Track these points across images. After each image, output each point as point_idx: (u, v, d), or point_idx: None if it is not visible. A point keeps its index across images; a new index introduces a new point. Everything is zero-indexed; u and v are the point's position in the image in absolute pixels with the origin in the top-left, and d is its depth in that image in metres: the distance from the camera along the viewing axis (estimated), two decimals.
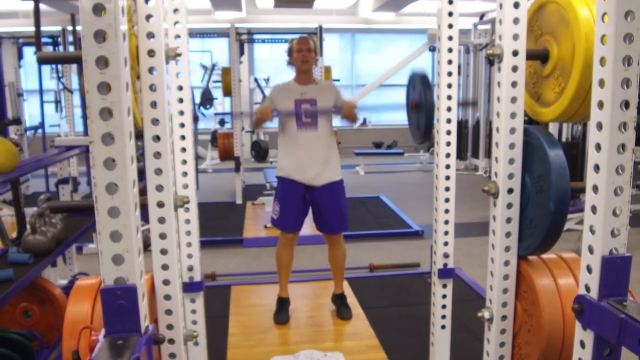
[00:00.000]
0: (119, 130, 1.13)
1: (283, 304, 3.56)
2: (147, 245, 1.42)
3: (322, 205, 3.41)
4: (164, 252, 1.72)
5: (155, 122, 1.66)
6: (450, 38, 2.37)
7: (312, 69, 3.39)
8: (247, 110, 3.33)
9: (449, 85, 2.42)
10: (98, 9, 1.09)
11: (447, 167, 2.49)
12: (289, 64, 3.42)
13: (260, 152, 10.30)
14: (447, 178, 2.50)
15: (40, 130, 7.43)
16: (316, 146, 3.31)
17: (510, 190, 1.82)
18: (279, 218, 3.43)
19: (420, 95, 2.92)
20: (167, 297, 1.73)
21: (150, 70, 1.64)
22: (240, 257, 5.05)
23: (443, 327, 2.60)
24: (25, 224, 3.05)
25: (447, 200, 2.51)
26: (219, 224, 6.08)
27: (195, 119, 3.55)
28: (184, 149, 2.25)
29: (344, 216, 3.46)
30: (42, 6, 6.48)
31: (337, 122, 3.55)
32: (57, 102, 7.74)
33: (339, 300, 3.62)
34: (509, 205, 1.83)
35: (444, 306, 2.59)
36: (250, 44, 10.27)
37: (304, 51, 3.29)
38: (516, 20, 1.73)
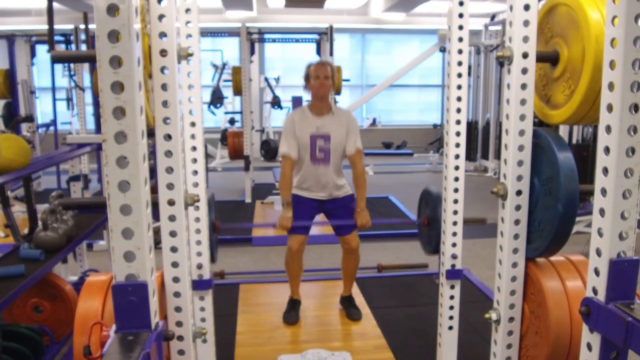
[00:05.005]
0: (132, 129, 1.15)
1: (294, 304, 3.57)
2: (157, 243, 1.43)
3: (334, 209, 3.46)
4: (174, 249, 1.74)
5: (166, 120, 1.67)
6: (460, 39, 2.37)
7: (329, 95, 3.41)
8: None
9: (459, 87, 2.42)
10: (112, 9, 1.11)
11: (457, 168, 2.49)
12: (305, 88, 3.43)
13: (269, 151, 10.29)
14: (456, 179, 2.50)
15: (52, 128, 7.48)
16: (328, 178, 3.38)
17: (518, 192, 1.82)
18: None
19: (433, 212, 2.94)
20: (177, 295, 1.75)
21: (162, 69, 1.66)
22: (248, 255, 5.07)
23: (450, 328, 2.61)
24: (36, 220, 3.08)
25: (455, 201, 2.51)
26: (228, 222, 6.09)
27: (216, 229, 3.51)
28: (194, 148, 2.27)
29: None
30: (55, 4, 6.54)
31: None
32: (69, 99, 7.78)
33: (348, 302, 3.62)
34: (518, 207, 1.83)
35: (451, 307, 2.60)
36: (261, 44, 10.29)
37: (321, 78, 3.29)
38: (526, 23, 1.74)
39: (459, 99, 2.43)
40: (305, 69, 3.41)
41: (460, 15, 2.35)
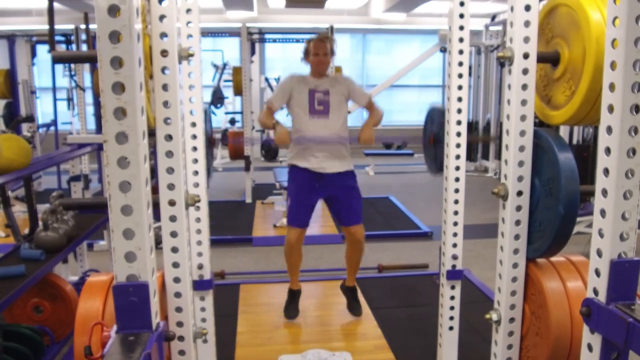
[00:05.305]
0: (133, 129, 1.15)
1: (294, 296, 3.55)
2: (158, 243, 1.43)
3: (335, 196, 3.39)
4: (174, 250, 1.74)
5: (167, 121, 1.68)
6: (461, 40, 2.38)
7: (327, 70, 3.43)
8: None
9: (460, 87, 2.42)
10: (113, 10, 1.11)
11: (457, 168, 2.49)
12: (303, 60, 3.44)
13: (270, 151, 10.32)
14: (457, 179, 2.50)
15: (52, 128, 7.48)
16: (326, 134, 3.29)
17: (519, 193, 1.82)
18: (289, 211, 3.43)
19: (439, 129, 2.92)
20: (178, 295, 1.75)
21: (163, 70, 1.66)
22: (249, 256, 5.07)
23: (451, 328, 2.61)
24: (37, 220, 3.08)
25: (456, 201, 2.51)
26: (229, 222, 6.10)
27: (212, 143, 3.50)
28: (195, 148, 2.27)
29: (359, 206, 3.41)
30: (55, 4, 6.53)
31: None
32: (70, 99, 7.79)
33: (350, 293, 3.60)
34: (518, 208, 1.83)
35: (452, 307, 2.60)
36: (262, 44, 10.29)
37: (321, 55, 3.32)
38: (527, 23, 1.74)
39: (459, 99, 2.43)
40: (305, 43, 3.45)
41: (461, 16, 2.35)
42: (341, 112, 3.36)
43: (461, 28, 2.36)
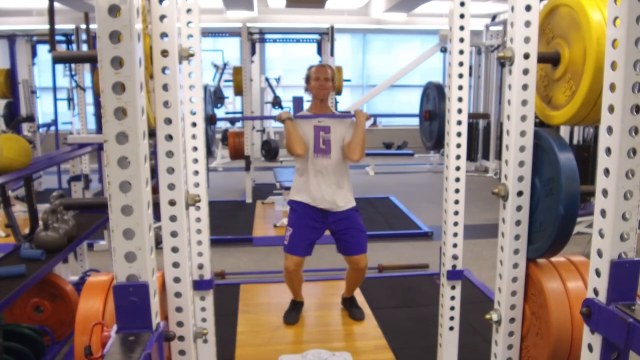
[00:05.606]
0: (133, 129, 1.15)
1: (297, 306, 3.58)
2: (158, 243, 1.43)
3: (338, 231, 3.38)
4: (175, 250, 1.74)
5: (167, 121, 1.68)
6: (461, 40, 2.38)
7: (329, 97, 3.43)
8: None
9: (460, 87, 2.42)
10: (113, 10, 1.11)
11: (457, 168, 2.49)
12: (306, 90, 3.46)
13: (270, 151, 10.30)
14: (457, 180, 2.50)
15: (53, 128, 7.48)
16: (329, 172, 3.32)
17: (519, 193, 1.82)
18: (288, 241, 3.37)
19: (434, 105, 2.91)
20: (178, 295, 1.75)
21: (164, 70, 1.66)
22: (249, 255, 5.07)
23: (451, 328, 2.61)
24: (37, 220, 3.08)
25: (456, 201, 2.51)
26: (229, 222, 6.11)
27: (213, 121, 3.52)
28: (195, 148, 2.27)
29: (364, 237, 3.39)
30: (56, 4, 6.54)
31: None
32: (70, 99, 7.79)
33: (350, 302, 3.62)
34: (519, 208, 1.83)
35: (452, 308, 2.60)
36: (262, 44, 10.29)
37: (322, 80, 3.32)
38: (527, 23, 1.74)
39: (460, 99, 2.43)
40: (306, 70, 3.45)
41: (462, 16, 2.35)
42: (341, 151, 3.36)
43: (462, 28, 2.36)
